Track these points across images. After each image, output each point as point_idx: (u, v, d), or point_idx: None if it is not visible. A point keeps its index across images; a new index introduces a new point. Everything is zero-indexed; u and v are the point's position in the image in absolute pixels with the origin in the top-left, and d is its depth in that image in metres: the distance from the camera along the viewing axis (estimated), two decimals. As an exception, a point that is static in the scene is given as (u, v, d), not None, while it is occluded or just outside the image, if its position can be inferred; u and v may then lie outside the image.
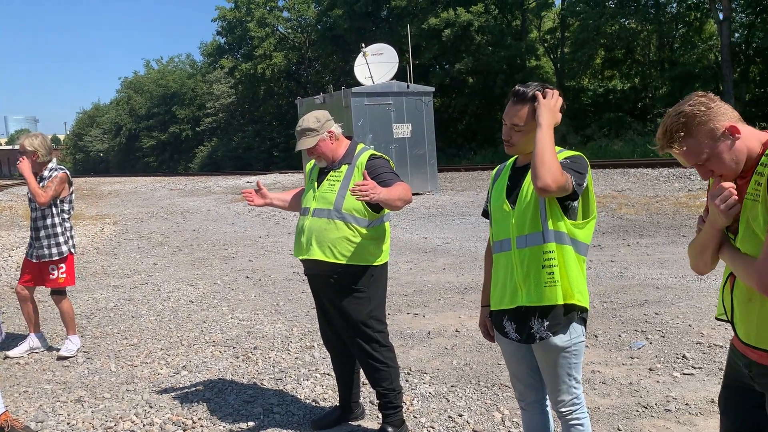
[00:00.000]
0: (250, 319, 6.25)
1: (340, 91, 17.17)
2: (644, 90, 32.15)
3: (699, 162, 1.91)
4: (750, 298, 1.90)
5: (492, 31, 35.20)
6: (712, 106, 1.88)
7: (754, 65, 28.57)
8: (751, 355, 1.94)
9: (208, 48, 56.92)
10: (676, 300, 5.88)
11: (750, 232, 1.86)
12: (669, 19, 30.76)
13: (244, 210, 16.31)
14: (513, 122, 2.46)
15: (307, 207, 3.51)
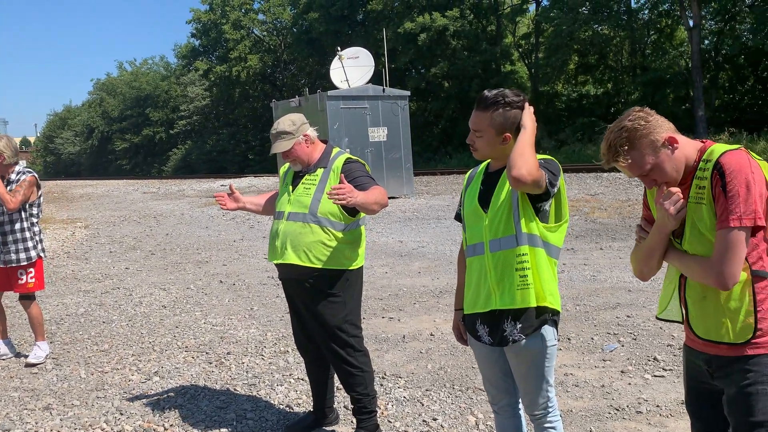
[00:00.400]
0: (223, 324, 6.19)
1: (315, 94, 17.12)
2: (617, 95, 32.58)
3: (643, 173, 2.03)
4: (704, 296, 2.00)
5: (467, 35, 35.44)
6: (650, 120, 2.01)
7: (723, 72, 29.14)
8: (710, 350, 2.02)
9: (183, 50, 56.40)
10: (647, 303, 5.96)
11: (697, 233, 1.98)
12: (641, 26, 31.23)
13: (218, 214, 16.17)
14: (473, 128, 2.51)
15: (281, 211, 3.49)
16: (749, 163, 1.89)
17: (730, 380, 1.97)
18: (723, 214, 1.88)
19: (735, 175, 1.87)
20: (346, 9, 39.39)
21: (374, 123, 17.28)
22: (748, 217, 1.86)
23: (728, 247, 1.87)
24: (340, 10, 39.17)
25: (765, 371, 1.91)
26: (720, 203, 1.89)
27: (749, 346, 1.93)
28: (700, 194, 1.95)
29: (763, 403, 1.90)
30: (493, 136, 2.46)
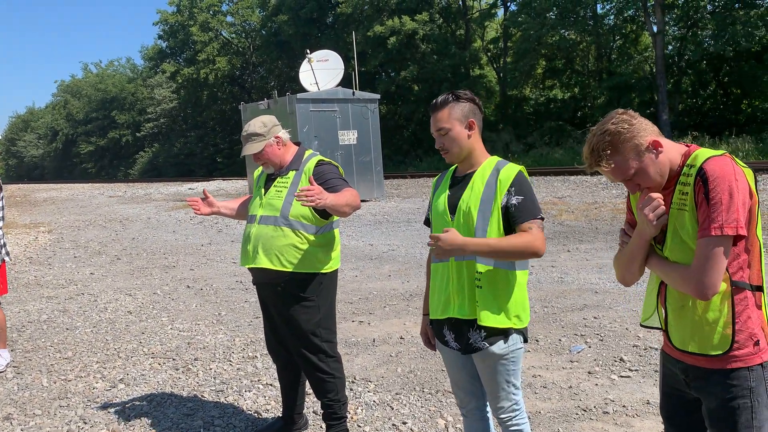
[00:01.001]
0: (190, 329, 6.11)
1: (285, 97, 17.03)
2: (583, 99, 33.07)
3: (627, 177, 1.97)
4: (683, 305, 1.95)
5: (436, 39, 35.64)
6: (634, 123, 1.95)
7: (687, 77, 29.77)
8: (687, 360, 1.99)
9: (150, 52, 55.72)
10: (613, 304, 6.05)
11: (678, 240, 1.93)
12: (606, 31, 31.76)
13: (185, 218, 15.97)
14: (438, 128, 2.52)
15: (253, 214, 3.45)
16: (733, 171, 1.84)
17: (709, 393, 1.94)
18: (705, 222, 1.83)
19: (718, 183, 1.81)
20: (316, 12, 39.31)
21: (344, 126, 17.26)
22: (729, 225, 1.80)
23: (709, 257, 1.82)
24: (309, 13, 39.07)
25: (745, 385, 1.88)
26: (702, 210, 1.84)
27: (727, 360, 1.89)
28: (683, 200, 1.90)
29: (746, 417, 1.87)
30: (459, 127, 2.50)
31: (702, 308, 1.90)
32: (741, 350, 1.88)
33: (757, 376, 1.88)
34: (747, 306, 1.89)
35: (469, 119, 2.52)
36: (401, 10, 35.26)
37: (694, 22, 27.59)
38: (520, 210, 2.43)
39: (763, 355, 1.89)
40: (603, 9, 31.29)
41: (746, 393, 1.88)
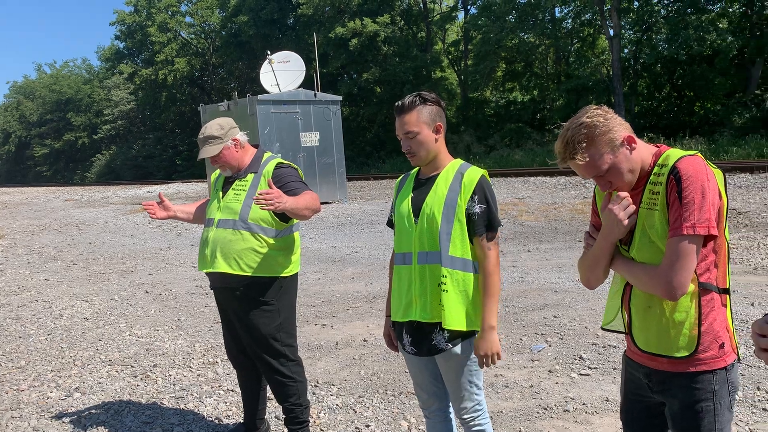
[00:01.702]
0: (149, 335, 5.99)
1: (245, 98, 16.86)
2: (542, 102, 33.58)
3: (599, 173, 1.93)
4: (649, 306, 1.93)
5: (398, 42, 35.78)
6: (609, 118, 1.92)
7: (642, 79, 30.48)
8: (651, 364, 1.97)
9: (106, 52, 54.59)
10: (573, 303, 6.14)
11: (646, 241, 1.91)
12: (565, 35, 32.32)
13: (144, 221, 15.67)
14: (405, 131, 2.51)
15: (211, 218, 3.39)
16: (705, 171, 1.82)
17: (673, 396, 1.93)
18: (676, 221, 1.81)
19: (691, 182, 1.80)
20: (276, 13, 39.07)
21: (306, 128, 17.17)
22: (701, 225, 1.79)
23: (679, 256, 1.79)
24: (270, 14, 38.81)
25: (708, 388, 1.87)
26: (674, 210, 1.82)
27: (692, 363, 1.88)
28: (654, 200, 1.88)
29: (708, 420, 1.88)
30: (427, 131, 2.50)
31: (669, 309, 1.88)
32: (706, 353, 1.87)
33: (720, 379, 1.88)
34: (713, 308, 1.88)
35: (436, 123, 2.52)
36: (363, 12, 35.30)
37: (649, 26, 28.27)
38: (483, 219, 2.47)
39: (727, 358, 1.89)
40: (561, 13, 31.91)
41: (709, 396, 1.87)
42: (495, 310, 2.48)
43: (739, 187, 13.00)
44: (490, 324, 2.46)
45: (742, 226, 9.58)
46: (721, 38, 24.51)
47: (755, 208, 10.81)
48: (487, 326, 2.46)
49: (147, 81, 46.88)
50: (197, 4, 48.10)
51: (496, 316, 2.48)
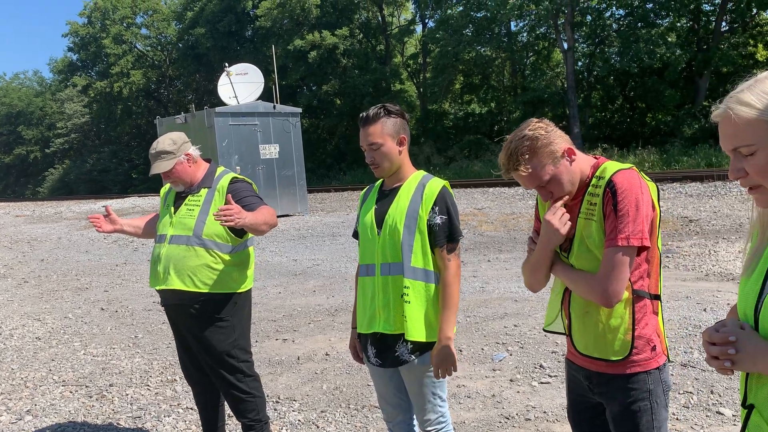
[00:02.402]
0: (105, 354, 5.83)
1: (203, 110, 16.68)
2: (500, 114, 34.09)
3: (541, 183, 1.99)
4: (587, 311, 2.00)
5: (357, 54, 35.93)
6: (549, 131, 1.98)
7: (596, 91, 31.24)
8: (590, 366, 2.05)
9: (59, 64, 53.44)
10: (532, 312, 6.21)
11: (584, 249, 1.98)
12: (520, 48, 32.93)
13: (98, 237, 15.31)
14: (369, 142, 2.51)
15: (163, 234, 3.33)
16: (640, 184, 1.91)
17: (611, 397, 2.01)
18: (612, 232, 1.89)
19: (626, 195, 1.88)
20: (234, 25, 38.85)
21: (265, 140, 17.06)
22: (635, 236, 1.87)
23: (614, 266, 1.87)
24: (227, 26, 38.57)
25: (644, 388, 1.96)
26: (610, 221, 1.90)
27: (627, 365, 1.97)
28: (591, 210, 1.96)
29: (646, 418, 1.96)
30: (391, 143, 2.51)
31: (605, 315, 1.96)
32: (639, 355, 1.96)
33: (654, 379, 1.97)
34: (646, 313, 1.97)
35: (400, 135, 2.54)
36: (321, 25, 35.36)
37: (602, 39, 29.03)
38: (443, 230, 2.49)
39: (659, 359, 1.98)
40: (516, 26, 32.51)
41: (646, 396, 1.96)
42: (453, 322, 2.48)
43: (690, 195, 13.39)
44: (446, 335, 2.46)
45: (693, 234, 9.85)
46: (670, 51, 25.32)
47: (705, 216, 11.14)
48: (444, 337, 2.46)
49: (101, 93, 45.99)
50: (153, 16, 47.50)
51: (453, 327, 2.48)
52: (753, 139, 1.28)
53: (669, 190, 14.16)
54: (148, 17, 47.68)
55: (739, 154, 1.32)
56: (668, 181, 15.73)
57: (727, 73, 26.59)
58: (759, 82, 1.30)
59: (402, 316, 2.47)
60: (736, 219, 10.54)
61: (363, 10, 38.06)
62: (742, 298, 1.41)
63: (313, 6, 34.61)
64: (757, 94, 1.28)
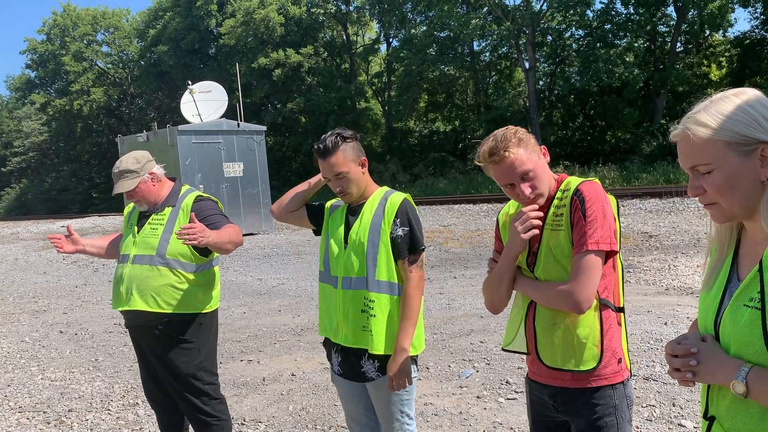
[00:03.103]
0: (64, 378, 5.67)
1: (165, 129, 16.48)
2: (464, 132, 34.46)
3: (524, 172, 1.97)
4: (554, 323, 1.99)
5: (322, 72, 36.03)
6: (529, 134, 2.05)
7: (557, 110, 31.86)
8: (555, 382, 2.03)
9: (16, 82, 52.36)
10: (498, 328, 6.25)
11: (552, 260, 2.00)
12: (483, 67, 33.46)
13: (57, 257, 14.94)
14: (335, 173, 2.53)
15: (126, 254, 3.26)
16: (604, 194, 1.96)
17: (577, 414, 2.00)
18: (581, 238, 1.91)
19: (594, 202, 1.92)
20: (198, 43, 38.64)
21: (229, 158, 16.93)
22: (605, 241, 1.89)
23: (585, 270, 1.88)
24: (191, 44, 38.34)
25: (610, 403, 1.96)
26: (578, 228, 1.92)
27: (593, 378, 1.96)
28: (558, 221, 1.98)
29: None
30: (355, 168, 2.54)
31: (573, 325, 1.95)
32: (606, 368, 1.96)
33: (619, 394, 1.98)
34: (612, 325, 1.98)
35: (360, 158, 2.57)
36: (286, 43, 35.40)
37: (562, 59, 29.68)
38: (405, 242, 2.51)
39: (624, 373, 1.99)
40: (479, 46, 33.05)
41: (612, 411, 1.97)
42: (411, 333, 2.47)
43: (650, 211, 13.69)
44: (402, 346, 2.45)
45: (653, 249, 10.07)
46: (628, 71, 26.01)
47: (665, 231, 11.40)
48: (399, 348, 2.45)
49: (61, 111, 45.12)
50: (114, 33, 46.96)
51: (410, 339, 2.47)
52: (710, 158, 1.32)
53: (629, 206, 14.46)
54: (110, 34, 47.12)
55: (697, 173, 1.36)
56: (628, 197, 16.06)
57: (683, 92, 27.43)
58: (714, 103, 1.35)
59: (363, 330, 2.48)
60: (694, 234, 10.81)
61: (327, 28, 38.26)
62: (702, 311, 1.45)
63: (278, 24, 34.66)
64: (713, 115, 1.32)
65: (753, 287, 1.29)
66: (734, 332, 1.31)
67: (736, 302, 1.32)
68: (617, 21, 27.34)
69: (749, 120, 1.30)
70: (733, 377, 1.28)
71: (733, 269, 1.41)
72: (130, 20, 48.19)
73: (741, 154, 1.30)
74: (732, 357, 1.31)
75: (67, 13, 46.47)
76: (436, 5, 29.24)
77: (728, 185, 1.32)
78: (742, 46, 27.41)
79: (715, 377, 1.34)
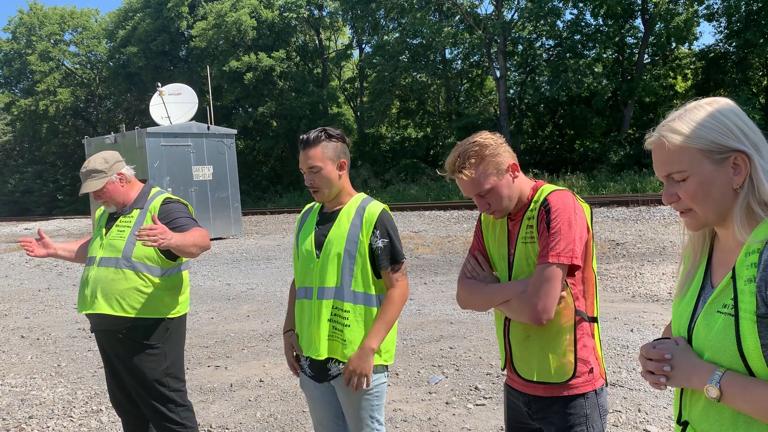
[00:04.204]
0: (24, 384, 5.52)
1: (133, 130, 16.25)
2: (435, 138, 34.68)
3: (481, 192, 2.00)
4: (528, 335, 1.99)
5: (294, 77, 35.93)
6: (499, 143, 2.03)
7: (527, 118, 32.24)
8: (531, 391, 2.04)
9: (-20, 81, 51.11)
10: (467, 333, 6.27)
11: (527, 272, 1.99)
12: (455, 75, 33.74)
13: (20, 260, 14.59)
14: (309, 165, 2.51)
15: (92, 256, 3.20)
16: (573, 205, 1.94)
17: (550, 422, 2.00)
18: (543, 249, 1.90)
19: (559, 213, 1.90)
20: (168, 45, 38.24)
21: (199, 161, 16.75)
22: (566, 255, 1.88)
23: (543, 282, 1.87)
24: (161, 46, 37.92)
25: (581, 413, 1.97)
26: (542, 239, 1.92)
27: (565, 388, 1.97)
28: (530, 233, 1.98)
29: None
30: (331, 166, 2.51)
31: (546, 337, 1.96)
32: (577, 378, 1.97)
33: (591, 403, 1.99)
34: (584, 334, 1.98)
35: (340, 159, 2.54)
36: (258, 47, 35.23)
37: (533, 68, 30.06)
38: (386, 253, 2.50)
39: (596, 382, 1.99)
40: (451, 54, 33.30)
41: (583, 420, 1.98)
42: (382, 336, 2.46)
43: (617, 219, 13.91)
44: (370, 345, 2.44)
45: (620, 257, 10.22)
46: (597, 81, 26.46)
47: (631, 239, 11.59)
48: (367, 347, 2.44)
49: (26, 111, 44.23)
50: (82, 33, 46.22)
51: (380, 340, 2.46)
52: (685, 165, 1.34)
53: (597, 214, 14.67)
54: (78, 34, 46.38)
55: (672, 180, 1.38)
56: (596, 205, 16.31)
57: (650, 103, 27.99)
58: (689, 111, 1.37)
59: (331, 339, 2.47)
60: (660, 242, 11.01)
61: (300, 33, 38.20)
62: (676, 318, 1.47)
63: (250, 28, 34.48)
64: (688, 123, 1.35)
65: (726, 294, 1.31)
66: (708, 338, 1.33)
67: (710, 309, 1.34)
68: (586, 32, 27.82)
69: (722, 128, 1.32)
70: (707, 381, 1.30)
71: (707, 276, 1.43)
72: (99, 20, 47.53)
73: (714, 162, 1.33)
74: (705, 362, 1.33)
75: (34, 12, 45.64)
76: (409, 12, 29.43)
77: (703, 192, 1.34)
78: (706, 59, 28.11)
79: (689, 382, 1.35)
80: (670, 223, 12.88)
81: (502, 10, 28.77)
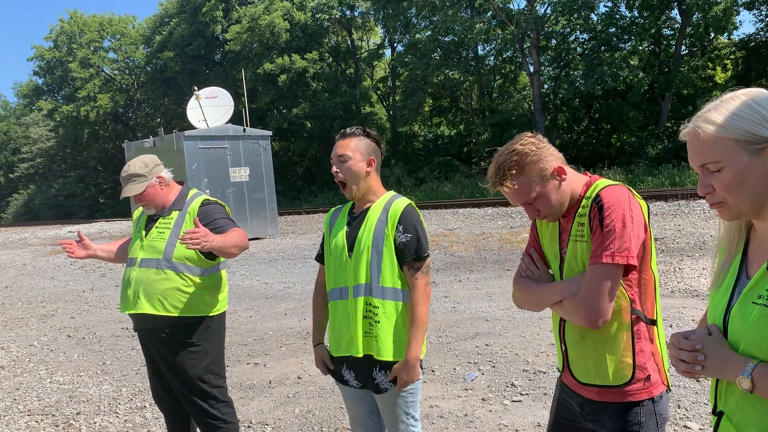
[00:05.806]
0: (72, 381, 5.71)
1: (171, 134, 16.57)
2: (468, 136, 34.48)
3: (528, 200, 1.94)
4: (583, 337, 1.93)
5: (327, 78, 36.15)
6: (541, 147, 1.94)
7: (562, 113, 31.83)
8: (586, 394, 1.98)
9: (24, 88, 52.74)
10: (503, 331, 6.26)
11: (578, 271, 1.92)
12: (488, 71, 33.49)
13: (65, 263, 15.02)
14: (338, 153, 2.55)
15: (133, 257, 3.30)
16: (629, 201, 1.83)
17: (603, 426, 1.94)
18: (597, 248, 1.81)
19: (612, 210, 1.81)
20: (203, 49, 38.82)
21: (235, 163, 17.01)
22: (621, 254, 1.78)
23: (598, 283, 1.79)
24: (196, 50, 38.51)
25: (635, 420, 1.89)
26: (596, 237, 1.82)
27: (620, 394, 1.90)
28: (581, 232, 1.90)
29: None
30: (359, 159, 2.54)
31: (602, 339, 1.89)
32: (633, 385, 1.89)
33: (647, 411, 1.90)
34: (641, 338, 1.90)
35: (370, 156, 2.57)
36: (291, 49, 35.54)
37: (567, 62, 29.65)
38: (408, 249, 2.51)
39: (653, 390, 1.90)
40: (484, 50, 33.07)
41: (636, 428, 1.89)
42: (421, 340, 2.48)
43: (655, 214, 13.67)
44: (414, 354, 2.46)
45: (659, 252, 10.05)
46: (633, 74, 25.97)
47: (670, 234, 11.39)
48: (412, 356, 2.46)
49: (68, 117, 45.41)
50: (120, 39, 47.24)
51: (421, 346, 2.47)
52: (719, 155, 1.33)
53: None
54: (116, 41, 47.42)
55: (707, 171, 1.37)
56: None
57: (688, 95, 27.36)
58: (725, 102, 1.36)
59: (367, 336, 2.49)
60: (700, 237, 10.80)
61: (332, 34, 38.39)
62: (711, 309, 1.47)
63: (283, 30, 34.80)
64: (722, 113, 1.34)
65: (762, 285, 1.31)
66: (743, 329, 1.33)
67: (745, 299, 1.34)
68: (622, 24, 27.32)
69: (759, 118, 1.31)
70: (739, 373, 1.30)
71: (743, 267, 1.42)
72: (137, 27, 48.50)
73: (750, 152, 1.31)
74: (737, 353, 1.33)
75: (74, 20, 46.80)
76: (441, 10, 29.31)
77: (738, 183, 1.33)
78: (747, 49, 27.35)
79: (722, 372, 1.35)
80: (710, 217, 12.60)
81: (534, 5, 28.44)
